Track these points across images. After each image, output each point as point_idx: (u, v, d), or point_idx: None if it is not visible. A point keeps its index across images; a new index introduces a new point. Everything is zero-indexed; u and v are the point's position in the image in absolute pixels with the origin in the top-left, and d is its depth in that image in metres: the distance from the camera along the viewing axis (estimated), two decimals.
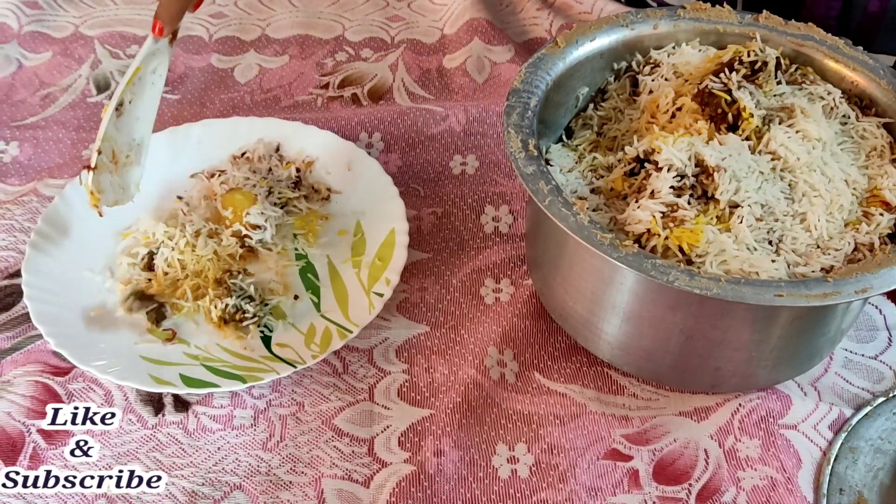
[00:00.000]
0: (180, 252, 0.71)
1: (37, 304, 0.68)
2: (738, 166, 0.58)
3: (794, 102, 0.63)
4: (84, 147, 0.85)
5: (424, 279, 0.74)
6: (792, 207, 0.58)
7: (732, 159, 0.58)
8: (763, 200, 0.57)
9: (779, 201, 0.58)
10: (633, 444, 0.64)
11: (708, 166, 0.58)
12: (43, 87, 0.91)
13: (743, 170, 0.58)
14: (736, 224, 0.55)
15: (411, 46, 0.97)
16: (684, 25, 0.70)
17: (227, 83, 0.93)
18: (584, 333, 0.65)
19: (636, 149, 0.61)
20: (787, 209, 0.58)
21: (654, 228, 0.56)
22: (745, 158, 0.59)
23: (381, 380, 0.67)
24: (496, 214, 0.79)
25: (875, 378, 0.68)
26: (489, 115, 0.87)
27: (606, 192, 0.62)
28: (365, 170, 0.79)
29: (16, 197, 0.80)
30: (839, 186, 0.59)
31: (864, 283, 0.52)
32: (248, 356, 0.67)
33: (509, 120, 0.62)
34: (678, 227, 0.56)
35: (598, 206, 0.62)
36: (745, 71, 0.65)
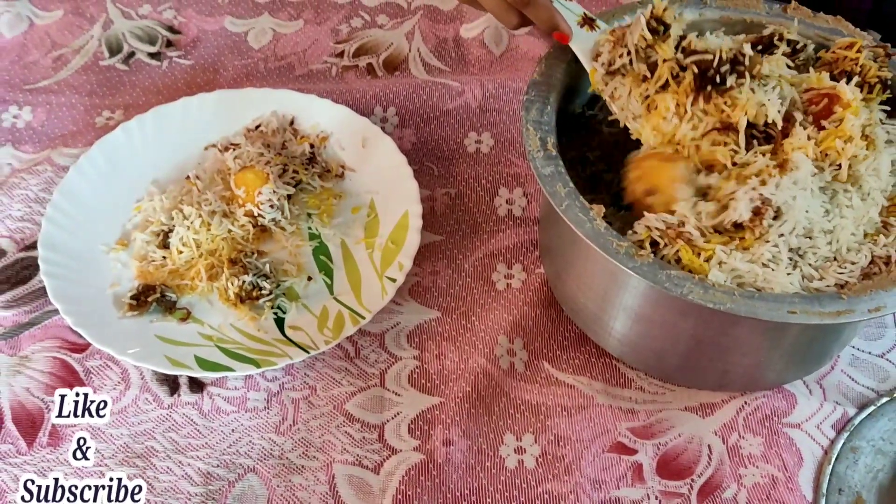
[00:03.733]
0: (195, 232, 0.71)
1: (54, 281, 0.68)
2: (801, 205, 0.55)
3: (838, 88, 0.59)
4: (97, 114, 0.85)
5: (437, 262, 0.75)
6: (827, 221, 0.57)
7: (798, 199, 0.55)
8: (807, 223, 0.56)
9: (820, 218, 0.56)
10: (639, 438, 0.65)
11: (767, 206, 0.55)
12: (55, 47, 0.90)
13: (802, 207, 0.55)
14: (758, 247, 0.54)
15: (428, 13, 0.94)
16: (710, 14, 0.68)
17: (240, 49, 0.91)
18: (594, 328, 0.66)
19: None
20: (823, 225, 0.56)
21: (645, 242, 0.56)
22: (807, 197, 0.56)
23: (392, 365, 0.69)
24: (510, 197, 0.79)
25: (881, 377, 0.68)
26: (505, 92, 0.85)
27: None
28: (380, 147, 0.79)
29: (30, 165, 0.80)
30: (875, 197, 0.58)
31: (877, 301, 0.52)
32: (262, 338, 0.68)
33: (528, 115, 0.61)
34: (685, 245, 0.55)
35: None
36: (786, 49, 0.63)
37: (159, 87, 0.87)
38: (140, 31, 0.92)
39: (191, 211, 0.72)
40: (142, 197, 0.76)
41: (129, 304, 0.69)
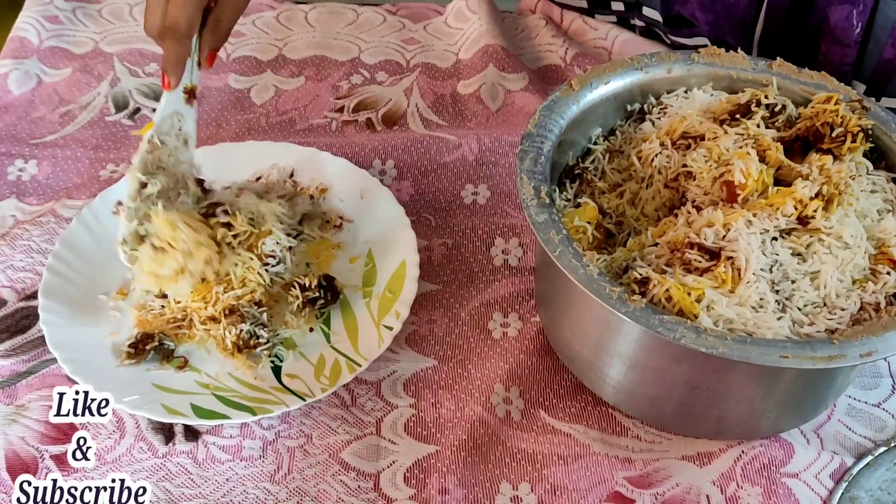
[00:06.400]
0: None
1: (52, 330, 0.69)
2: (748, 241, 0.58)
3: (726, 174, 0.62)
4: (102, 167, 0.86)
5: (433, 311, 0.75)
6: (803, 267, 0.58)
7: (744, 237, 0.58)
8: (772, 260, 0.57)
9: (790, 259, 0.58)
10: (636, 487, 0.64)
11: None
12: (62, 104, 0.93)
13: (754, 243, 0.58)
14: (744, 288, 0.56)
15: (426, 71, 0.97)
16: (698, 70, 0.71)
17: (243, 104, 0.94)
18: (589, 376, 0.66)
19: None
20: (799, 267, 0.58)
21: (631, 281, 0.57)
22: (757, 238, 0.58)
23: (388, 413, 0.69)
24: (506, 247, 0.80)
25: (877, 426, 0.68)
26: (501, 146, 0.87)
27: None
28: (378, 199, 0.80)
29: (34, 217, 0.81)
30: (858, 244, 0.59)
31: (868, 346, 0.53)
32: (259, 386, 0.68)
33: (522, 165, 0.62)
34: (675, 284, 0.56)
35: None
36: (764, 113, 0.65)
37: None
38: (146, 88, 0.95)
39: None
40: None
41: (127, 353, 0.69)
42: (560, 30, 1.01)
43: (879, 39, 0.75)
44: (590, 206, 0.65)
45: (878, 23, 0.74)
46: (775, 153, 0.62)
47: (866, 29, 0.75)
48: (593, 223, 0.64)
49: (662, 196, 0.65)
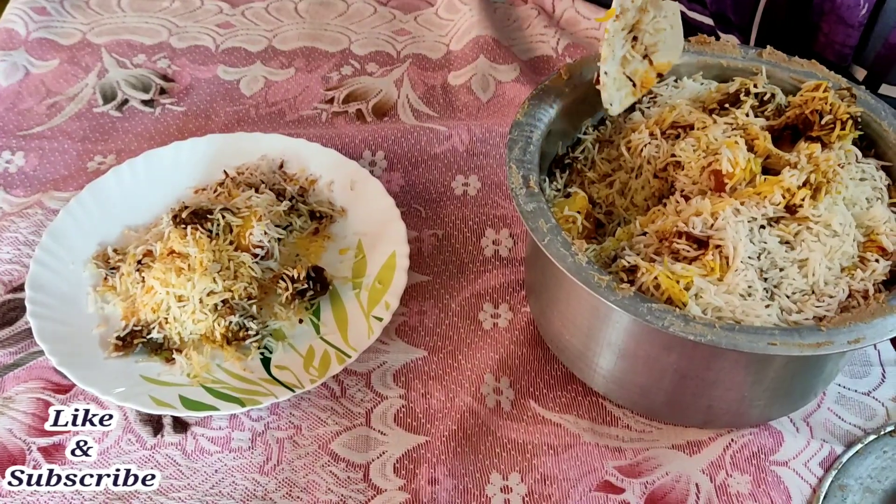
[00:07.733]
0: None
1: (39, 322, 0.68)
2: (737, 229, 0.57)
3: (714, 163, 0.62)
4: (89, 159, 0.86)
5: (424, 302, 0.75)
6: (791, 255, 0.58)
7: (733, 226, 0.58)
8: (760, 248, 0.57)
9: (778, 247, 0.58)
10: (626, 477, 0.64)
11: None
12: (50, 95, 0.92)
13: (742, 230, 0.57)
14: (732, 276, 0.55)
15: (417, 62, 0.97)
16: (688, 59, 0.70)
17: (232, 96, 0.93)
18: (579, 366, 0.66)
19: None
20: (787, 255, 0.58)
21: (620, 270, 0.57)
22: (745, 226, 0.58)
23: (378, 404, 0.68)
24: (496, 238, 0.80)
25: (867, 415, 0.68)
26: (492, 136, 0.87)
27: None
28: (368, 190, 0.80)
29: (21, 209, 0.80)
30: (847, 232, 0.59)
31: (856, 333, 0.53)
32: (248, 378, 0.68)
33: (511, 154, 0.62)
34: (663, 271, 0.56)
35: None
36: (753, 102, 0.65)
37: (151, 132, 0.89)
38: (134, 80, 0.94)
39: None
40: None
41: (115, 345, 0.69)
42: (552, 20, 1.01)
43: (887, 22, 0.73)
44: (579, 196, 0.65)
45: (889, 5, 0.72)
46: (763, 142, 0.62)
47: (873, 11, 0.72)
48: (583, 213, 0.64)
49: (652, 186, 0.65)
